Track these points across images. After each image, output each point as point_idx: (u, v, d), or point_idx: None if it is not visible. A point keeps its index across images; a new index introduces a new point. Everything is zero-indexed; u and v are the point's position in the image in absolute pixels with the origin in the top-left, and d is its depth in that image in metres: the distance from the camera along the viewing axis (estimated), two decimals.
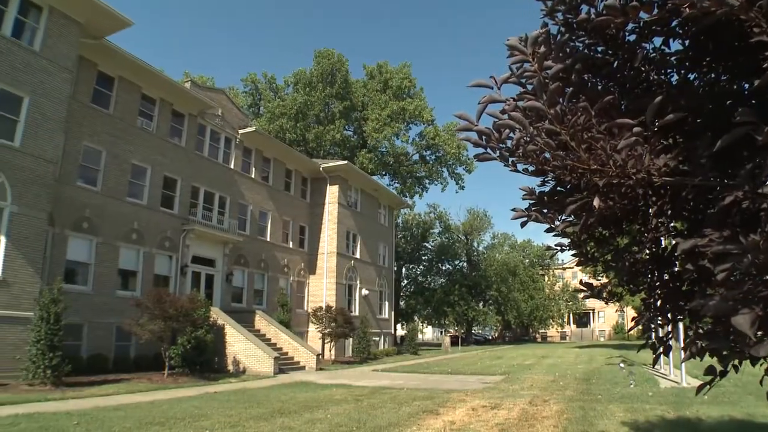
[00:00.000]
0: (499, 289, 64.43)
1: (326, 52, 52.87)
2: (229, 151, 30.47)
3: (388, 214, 46.06)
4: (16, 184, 16.92)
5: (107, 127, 22.52)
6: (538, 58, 2.96)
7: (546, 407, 12.66)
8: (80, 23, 19.39)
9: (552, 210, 3.52)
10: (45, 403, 12.44)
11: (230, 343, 23.14)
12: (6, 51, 17.02)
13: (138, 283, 23.23)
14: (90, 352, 20.03)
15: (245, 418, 10.96)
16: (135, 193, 23.87)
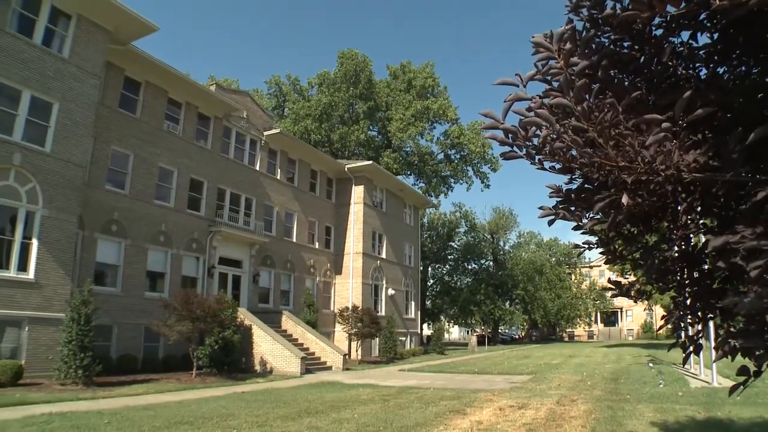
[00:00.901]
0: (526, 288, 63.90)
1: (350, 53, 52.96)
2: (255, 152, 30.68)
3: (414, 214, 45.99)
4: (47, 189, 17.24)
5: (134, 131, 22.83)
6: (564, 55, 2.93)
7: (574, 407, 12.54)
8: (107, 30, 19.69)
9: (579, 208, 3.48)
10: (77, 402, 12.63)
11: (257, 343, 23.29)
12: (37, 59, 17.37)
13: (166, 285, 23.50)
14: (119, 352, 20.33)
15: (272, 418, 11.01)
16: (162, 196, 24.16)
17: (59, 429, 9.35)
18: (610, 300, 74.36)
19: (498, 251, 70.76)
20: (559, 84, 2.95)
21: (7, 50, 16.53)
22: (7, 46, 16.54)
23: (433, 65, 55.21)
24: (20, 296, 16.20)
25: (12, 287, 16.08)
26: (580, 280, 78.11)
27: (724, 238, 2.65)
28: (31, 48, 17.29)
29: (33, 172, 16.94)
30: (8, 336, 15.93)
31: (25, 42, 17.12)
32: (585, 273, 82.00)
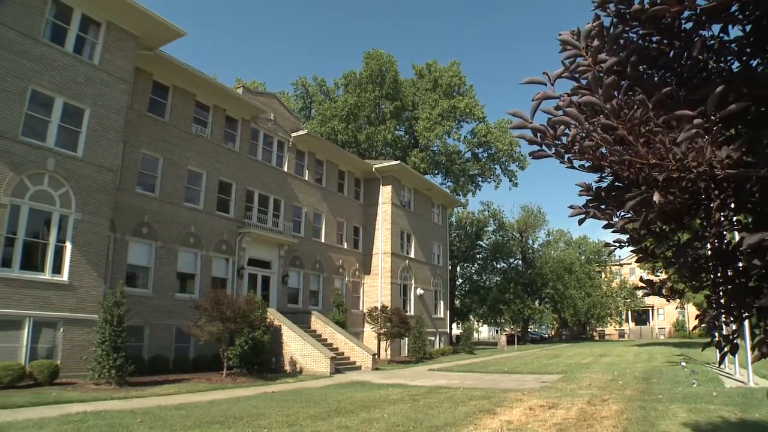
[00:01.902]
0: (555, 287, 63.30)
1: (375, 53, 53.01)
2: (282, 154, 30.86)
3: (442, 213, 45.87)
4: (80, 193, 17.56)
5: (163, 135, 23.14)
6: (592, 52, 2.89)
7: (605, 407, 12.37)
8: (136, 36, 20.00)
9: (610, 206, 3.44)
10: (110, 402, 12.84)
11: (287, 343, 23.42)
12: (69, 66, 17.73)
13: (196, 286, 23.76)
14: (151, 352, 20.61)
15: (302, 418, 11.05)
16: (191, 198, 24.43)
17: (94, 427, 9.50)
18: (641, 298, 73.37)
19: (527, 250, 70.26)
20: (588, 81, 2.91)
21: (41, 59, 16.91)
22: (41, 55, 16.92)
23: (459, 64, 55.08)
24: (55, 298, 16.53)
25: (47, 289, 16.41)
26: (611, 279, 77.19)
27: (759, 235, 2.59)
28: (63, 56, 17.65)
29: (66, 176, 17.27)
30: (44, 336, 16.26)
31: (57, 50, 17.50)
32: (615, 271, 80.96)
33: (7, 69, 15.95)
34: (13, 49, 16.15)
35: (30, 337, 15.81)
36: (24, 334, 15.72)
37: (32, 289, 16.02)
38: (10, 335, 15.47)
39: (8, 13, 16.10)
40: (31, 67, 16.61)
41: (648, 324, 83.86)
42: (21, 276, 15.90)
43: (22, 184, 16.20)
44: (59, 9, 17.82)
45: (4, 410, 11.08)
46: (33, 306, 15.92)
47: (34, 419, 10.05)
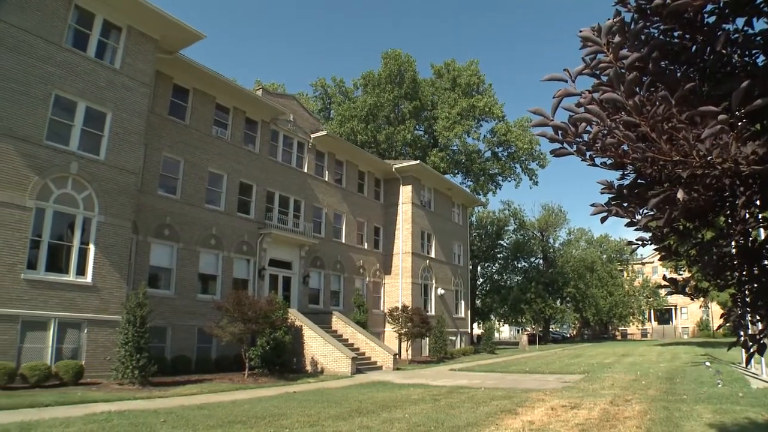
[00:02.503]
0: (577, 286, 62.74)
1: (393, 53, 53.04)
2: (302, 155, 30.97)
3: (462, 213, 45.75)
4: (102, 195, 17.77)
5: (184, 137, 23.34)
6: (613, 48, 2.86)
7: (628, 407, 12.24)
8: (156, 39, 20.19)
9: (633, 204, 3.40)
10: (134, 402, 12.97)
11: (308, 343, 23.48)
12: (91, 71, 17.97)
13: (218, 287, 23.93)
14: (173, 353, 20.79)
15: (324, 418, 11.07)
16: (212, 200, 24.61)
17: (118, 427, 9.60)
18: (663, 297, 72.51)
19: (548, 249, 69.79)
20: (609, 78, 2.88)
21: (64, 65, 17.16)
22: (64, 60, 17.18)
23: (478, 62, 54.90)
24: (79, 299, 16.74)
25: (72, 291, 16.63)
26: (633, 277, 76.30)
27: None
28: (85, 61, 17.89)
29: (89, 179, 17.49)
30: (69, 337, 16.48)
31: (79, 55, 17.74)
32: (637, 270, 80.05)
33: (31, 75, 16.21)
34: (36, 55, 16.42)
35: (55, 337, 16.05)
36: (49, 334, 15.95)
37: (57, 291, 16.25)
38: (37, 336, 15.70)
39: (31, 19, 16.35)
40: (54, 73, 16.86)
41: (671, 323, 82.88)
42: (46, 278, 16.13)
43: (46, 187, 16.44)
44: (81, 15, 18.06)
45: (31, 409, 11.26)
46: (58, 307, 16.15)
47: (61, 418, 10.19)
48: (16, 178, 15.63)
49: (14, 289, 15.21)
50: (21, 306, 15.29)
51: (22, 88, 15.97)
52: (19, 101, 15.88)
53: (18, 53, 15.96)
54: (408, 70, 53.17)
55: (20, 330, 15.29)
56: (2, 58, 15.58)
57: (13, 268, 15.28)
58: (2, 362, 14.13)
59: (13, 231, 15.40)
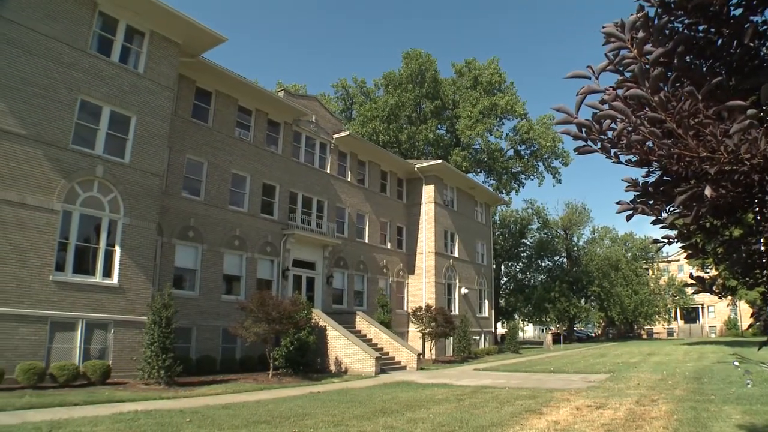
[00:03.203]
0: (601, 285, 62.03)
1: (414, 52, 53.00)
2: (325, 156, 31.08)
3: (485, 212, 45.57)
4: (128, 198, 18.01)
5: (207, 140, 23.54)
6: (638, 44, 2.82)
7: (654, 407, 12.09)
8: (178, 43, 20.41)
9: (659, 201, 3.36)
10: (160, 401, 13.12)
11: (332, 343, 23.54)
12: (115, 76, 18.23)
13: (242, 288, 24.09)
14: (198, 353, 20.98)
15: (348, 417, 11.10)
16: (236, 201, 24.79)
17: (145, 426, 9.72)
18: (690, 296, 71.44)
19: (572, 247, 69.16)
20: (633, 74, 2.85)
21: (89, 70, 17.45)
22: (89, 66, 17.46)
23: (499, 61, 54.67)
24: (106, 300, 16.97)
25: (98, 292, 16.86)
26: (658, 276, 75.29)
27: None
28: (109, 66, 18.16)
29: (114, 182, 17.73)
30: (96, 338, 16.72)
31: (104, 61, 18.01)
32: (663, 268, 78.97)
33: (57, 80, 16.50)
34: (63, 62, 16.72)
35: (83, 338, 16.29)
36: (77, 335, 16.20)
37: (84, 292, 16.50)
38: (65, 336, 15.96)
39: (59, 27, 16.68)
40: (80, 78, 17.14)
41: (698, 322, 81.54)
42: (74, 279, 16.39)
43: (73, 190, 16.71)
44: (105, 21, 18.36)
45: (61, 408, 11.47)
46: (85, 308, 16.39)
47: (89, 417, 10.36)
48: (44, 182, 15.91)
49: (43, 290, 15.49)
50: (50, 307, 15.56)
51: (49, 94, 16.28)
52: (47, 107, 16.18)
53: (46, 60, 16.29)
54: (429, 69, 53.09)
55: (49, 331, 15.56)
56: (31, 66, 15.91)
57: (42, 270, 15.55)
58: (32, 362, 14.39)
59: (42, 234, 15.67)
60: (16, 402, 11.70)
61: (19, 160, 15.42)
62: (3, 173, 15.04)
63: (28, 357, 14.64)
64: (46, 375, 14.71)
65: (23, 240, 15.25)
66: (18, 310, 14.85)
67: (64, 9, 16.94)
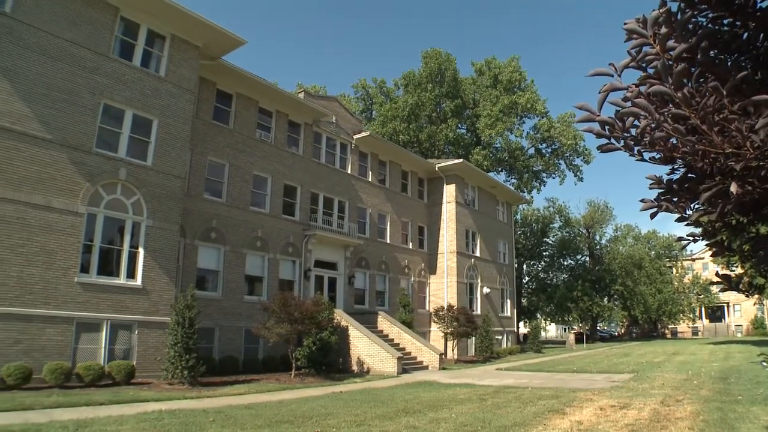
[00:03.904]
0: (625, 283, 61.32)
1: (433, 52, 52.92)
2: (345, 156, 31.14)
3: (507, 211, 45.35)
4: (150, 200, 18.20)
5: (228, 141, 23.71)
6: (660, 40, 2.78)
7: (679, 408, 11.91)
8: (198, 47, 20.60)
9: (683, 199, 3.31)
10: (183, 401, 13.23)
11: (354, 344, 23.57)
12: (137, 79, 18.46)
13: (264, 288, 24.22)
14: (221, 353, 21.13)
15: (370, 417, 11.09)
16: (257, 202, 24.93)
17: (169, 425, 9.80)
18: (715, 294, 70.45)
19: (594, 246, 68.51)
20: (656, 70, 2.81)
21: (112, 74, 17.72)
22: (112, 70, 17.73)
23: (519, 59, 54.46)
24: (130, 301, 17.17)
25: (123, 293, 17.07)
26: (682, 274, 74.31)
27: None
28: (131, 70, 18.40)
29: (137, 185, 17.93)
30: (121, 338, 16.93)
31: (126, 65, 18.28)
32: (687, 266, 77.92)
33: (81, 85, 16.78)
34: (86, 66, 17.00)
35: (108, 338, 16.50)
36: (102, 336, 16.41)
37: (109, 294, 16.71)
38: (90, 337, 16.18)
39: (82, 33, 17.01)
40: (102, 83, 17.40)
41: (723, 321, 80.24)
42: (98, 281, 16.62)
43: (97, 193, 16.94)
44: (127, 26, 18.63)
45: (87, 407, 11.63)
46: (110, 309, 16.60)
47: (115, 416, 10.49)
48: (69, 185, 16.16)
49: (69, 292, 15.73)
50: (75, 308, 15.79)
51: (73, 99, 16.57)
52: (71, 111, 16.47)
53: (69, 65, 16.59)
54: (448, 68, 52.97)
55: (75, 331, 15.79)
56: (55, 71, 16.21)
57: (68, 272, 15.79)
58: (59, 362, 14.63)
59: (67, 236, 15.92)
60: (44, 401, 11.90)
61: (44, 164, 15.69)
62: (29, 177, 15.31)
63: (54, 357, 14.90)
64: (73, 375, 14.93)
65: (49, 242, 15.51)
66: (45, 311, 15.11)
67: (87, 15, 17.23)
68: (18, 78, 15.43)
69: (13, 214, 14.93)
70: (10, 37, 15.37)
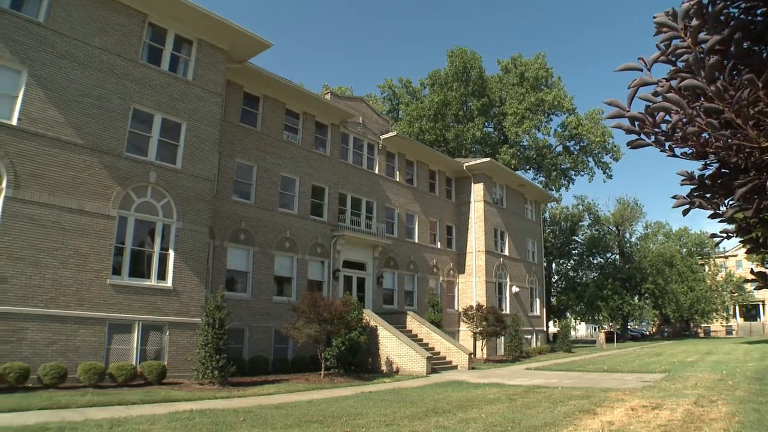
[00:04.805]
0: (655, 282, 60.29)
1: (458, 51, 52.70)
2: (373, 156, 31.19)
3: (535, 209, 45.01)
4: (180, 203, 18.42)
5: (256, 143, 23.91)
6: (691, 32, 2.73)
7: (713, 408, 11.66)
8: (225, 50, 20.80)
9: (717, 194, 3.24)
10: (214, 401, 13.36)
11: (383, 344, 23.58)
12: (165, 84, 18.71)
13: (293, 289, 24.37)
14: (251, 354, 21.32)
15: (400, 417, 11.08)
16: (286, 204, 25.09)
17: (200, 424, 9.90)
18: (750, 292, 69.01)
19: (624, 244, 67.60)
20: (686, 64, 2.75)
21: (141, 80, 18.01)
22: (141, 76, 18.02)
23: (545, 56, 53.88)
24: (161, 303, 17.39)
25: (154, 295, 17.30)
26: (715, 272, 72.93)
27: None
28: (160, 75, 18.67)
29: (167, 188, 18.16)
30: (152, 339, 17.17)
31: (154, 70, 18.55)
32: (720, 263, 76.46)
33: (111, 91, 17.10)
34: (116, 73, 17.33)
35: (139, 339, 16.74)
36: (134, 336, 16.66)
37: (140, 295, 16.96)
38: (122, 338, 16.43)
39: (111, 40, 17.37)
40: (132, 88, 17.71)
41: (758, 319, 78.45)
42: (130, 283, 16.88)
43: (128, 196, 17.21)
44: (155, 32, 18.91)
45: (120, 406, 11.82)
46: (141, 310, 16.84)
47: (147, 416, 10.64)
48: (101, 189, 16.45)
49: (101, 293, 16.01)
50: (108, 310, 16.06)
51: (104, 104, 16.90)
52: (101, 116, 16.79)
53: (100, 72, 16.94)
54: (474, 67, 52.72)
55: (107, 332, 16.06)
56: (86, 78, 16.56)
57: (100, 274, 16.06)
58: (92, 362, 14.91)
59: (99, 239, 16.20)
60: (78, 400, 12.15)
61: (77, 169, 16.00)
62: (63, 182, 15.64)
63: (88, 357, 15.18)
64: (106, 375, 15.20)
65: (82, 245, 15.80)
66: (79, 313, 15.41)
67: (116, 22, 17.56)
68: (51, 85, 15.78)
69: (49, 218, 15.26)
70: (43, 46, 15.76)
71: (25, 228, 14.81)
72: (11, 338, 14.17)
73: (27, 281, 14.68)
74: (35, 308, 14.66)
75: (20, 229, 14.73)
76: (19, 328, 14.35)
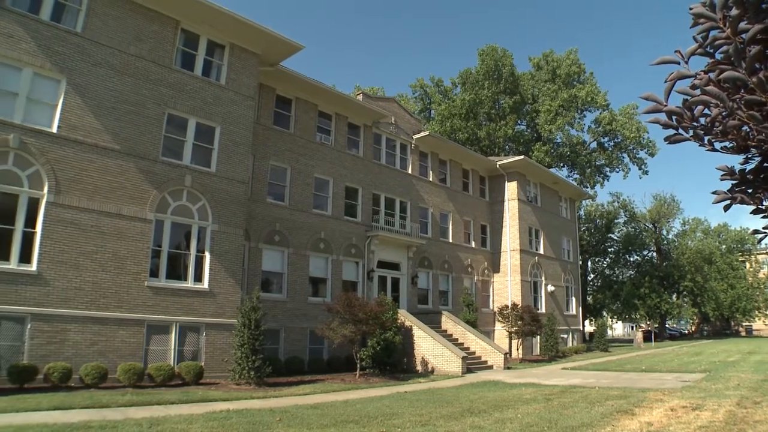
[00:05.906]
0: (694, 279, 58.95)
1: (489, 49, 52.41)
2: (406, 156, 31.18)
3: (570, 207, 44.50)
4: (215, 205, 18.66)
5: (289, 145, 24.09)
6: (731, 22, 2.66)
7: (758, 410, 11.34)
8: (257, 54, 21.00)
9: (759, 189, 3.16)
10: (250, 401, 13.49)
11: (418, 344, 23.55)
12: (199, 89, 18.99)
13: (328, 289, 24.50)
14: (287, 354, 21.49)
15: (435, 417, 11.05)
16: (319, 205, 25.24)
17: (237, 424, 10.00)
18: None
19: (661, 241, 66.28)
20: (725, 55, 2.68)
21: (174, 85, 18.31)
22: (174, 81, 18.33)
23: (577, 51, 53.24)
24: (197, 304, 17.65)
25: (191, 296, 17.56)
26: (757, 269, 71.07)
27: None
28: (193, 80, 18.96)
29: (202, 191, 18.42)
30: (189, 340, 17.42)
31: (188, 75, 18.86)
32: (762, 260, 74.55)
33: (146, 97, 17.44)
34: (150, 79, 17.66)
35: (177, 340, 17.03)
36: (172, 337, 16.94)
37: (177, 297, 17.23)
38: (160, 339, 16.72)
39: (146, 47, 17.73)
40: (166, 93, 18.02)
41: None
42: (167, 285, 17.17)
43: (164, 200, 17.51)
44: (188, 38, 19.23)
45: (158, 406, 12.03)
46: (178, 312, 17.12)
47: (185, 415, 10.80)
48: (138, 193, 16.77)
49: (139, 296, 16.32)
50: (146, 311, 16.36)
51: (139, 110, 17.26)
52: (137, 122, 17.15)
53: (135, 78, 17.30)
54: (505, 64, 52.37)
55: (146, 333, 16.37)
56: (122, 85, 16.94)
57: (138, 276, 16.36)
58: (132, 363, 15.22)
59: (137, 242, 16.51)
60: (118, 399, 12.41)
61: (114, 174, 16.34)
62: (101, 186, 15.99)
63: (127, 358, 15.49)
64: (145, 375, 15.48)
65: (120, 248, 16.12)
66: (118, 314, 15.74)
67: (150, 30, 17.91)
68: (89, 93, 16.15)
69: (88, 222, 15.62)
70: (81, 55, 16.15)
71: (65, 232, 15.18)
72: (54, 339, 14.56)
73: (68, 284, 15.05)
74: (76, 310, 15.04)
75: (61, 233, 15.11)
76: (61, 329, 14.72)
